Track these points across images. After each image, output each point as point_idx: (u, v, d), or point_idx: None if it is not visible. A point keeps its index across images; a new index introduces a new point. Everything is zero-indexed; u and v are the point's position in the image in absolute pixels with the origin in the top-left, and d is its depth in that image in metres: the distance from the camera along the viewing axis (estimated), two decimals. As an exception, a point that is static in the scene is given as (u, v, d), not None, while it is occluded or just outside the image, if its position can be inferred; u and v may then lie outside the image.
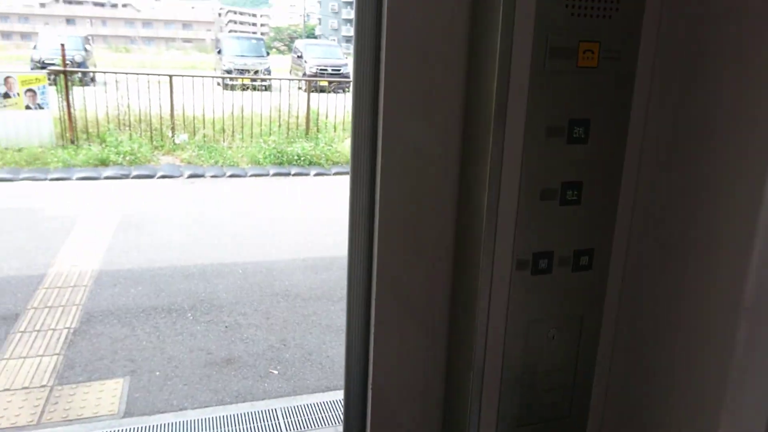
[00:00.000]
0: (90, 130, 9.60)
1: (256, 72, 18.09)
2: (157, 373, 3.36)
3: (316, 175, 9.28)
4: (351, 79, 1.60)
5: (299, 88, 12.17)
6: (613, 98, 1.44)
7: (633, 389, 1.61)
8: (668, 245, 1.45)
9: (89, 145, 9.21)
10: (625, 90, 1.45)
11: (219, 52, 20.65)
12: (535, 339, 1.58)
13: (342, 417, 1.89)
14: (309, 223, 6.65)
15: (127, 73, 10.42)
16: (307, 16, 70.41)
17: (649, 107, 1.48)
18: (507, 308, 1.52)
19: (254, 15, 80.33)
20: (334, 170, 9.53)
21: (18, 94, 8.69)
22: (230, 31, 57.93)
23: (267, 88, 14.11)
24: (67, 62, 10.17)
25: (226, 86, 13.65)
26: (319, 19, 71.77)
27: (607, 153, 1.48)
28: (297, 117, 10.80)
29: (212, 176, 8.66)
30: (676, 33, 1.39)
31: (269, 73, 18.65)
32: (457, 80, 1.51)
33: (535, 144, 1.41)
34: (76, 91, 9.67)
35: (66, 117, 9.30)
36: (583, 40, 1.36)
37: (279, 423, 2.58)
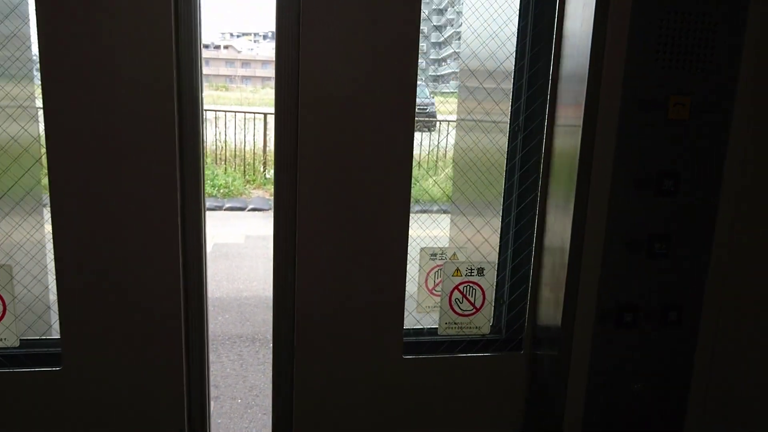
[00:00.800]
0: (190, 163, 10.25)
1: (344, 110, 18.63)
2: (239, 400, 3.47)
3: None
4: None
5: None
6: (706, 151, 1.40)
7: (726, 457, 1.51)
8: (764, 303, 1.37)
9: (188, 177, 9.83)
10: (718, 143, 1.41)
11: (310, 91, 21.50)
12: (617, 394, 1.53)
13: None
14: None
15: (225, 111, 11.09)
16: (396, 56, 71.98)
17: (745, 160, 1.42)
18: (589, 360, 1.48)
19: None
20: (416, 208, 9.60)
21: (129, 129, 9.44)
22: (322, 71, 59.97)
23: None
24: (173, 100, 10.95)
25: (315, 124, 14.10)
26: (408, 59, 73.19)
27: (698, 206, 1.44)
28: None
29: (298, 210, 8.98)
30: (776, 85, 1.35)
31: (356, 112, 19.15)
32: None
33: (621, 195, 1.39)
34: (180, 127, 10.41)
35: (169, 151, 9.99)
36: (674, 93, 1.34)
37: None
